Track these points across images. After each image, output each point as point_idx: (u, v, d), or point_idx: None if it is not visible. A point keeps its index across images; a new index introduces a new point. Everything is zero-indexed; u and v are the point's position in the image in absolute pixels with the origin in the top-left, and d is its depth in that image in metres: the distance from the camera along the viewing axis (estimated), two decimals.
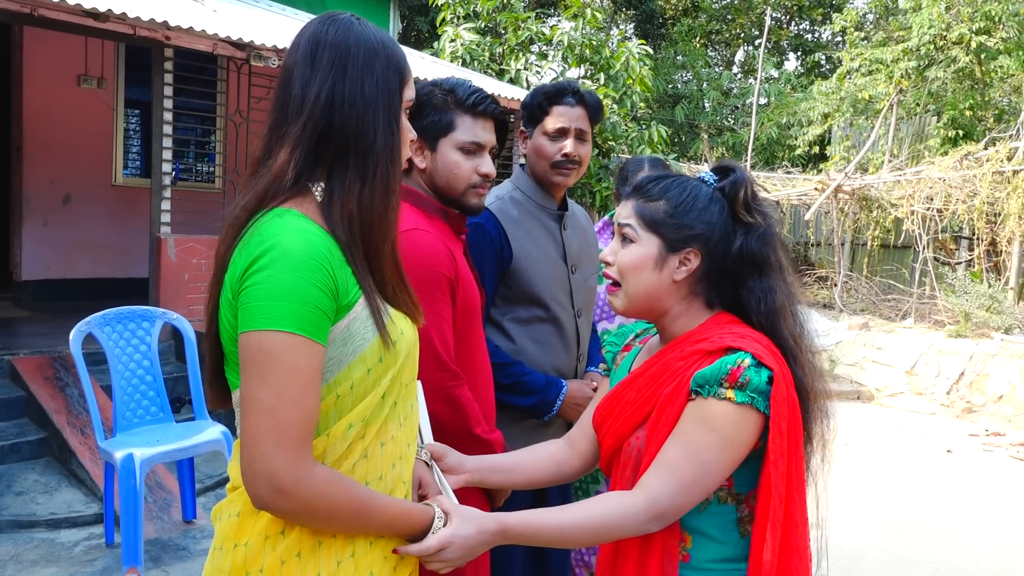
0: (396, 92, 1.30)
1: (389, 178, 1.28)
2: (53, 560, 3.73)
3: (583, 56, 10.13)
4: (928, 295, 10.20)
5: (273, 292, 1.14)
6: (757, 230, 1.46)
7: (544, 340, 2.32)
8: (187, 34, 5.68)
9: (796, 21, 21.50)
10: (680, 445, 1.36)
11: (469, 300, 1.93)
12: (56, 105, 7.54)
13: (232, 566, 1.24)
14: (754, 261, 1.45)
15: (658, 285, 1.46)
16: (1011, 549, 4.41)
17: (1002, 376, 7.79)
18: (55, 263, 7.74)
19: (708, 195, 1.47)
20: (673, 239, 1.45)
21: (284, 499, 1.15)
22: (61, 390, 4.99)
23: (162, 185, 6.04)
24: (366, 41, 1.28)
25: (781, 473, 1.34)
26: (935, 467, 5.99)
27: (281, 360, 1.14)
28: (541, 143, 2.34)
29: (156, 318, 4.15)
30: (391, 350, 1.27)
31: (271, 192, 1.25)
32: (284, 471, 1.14)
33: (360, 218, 1.25)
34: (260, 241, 1.18)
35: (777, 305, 1.44)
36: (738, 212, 1.46)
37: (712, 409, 1.35)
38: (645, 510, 1.35)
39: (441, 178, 1.96)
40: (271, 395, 1.14)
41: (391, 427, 1.32)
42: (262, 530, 1.23)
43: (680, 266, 1.46)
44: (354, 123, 1.25)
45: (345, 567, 1.25)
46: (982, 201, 9.53)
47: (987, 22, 11.68)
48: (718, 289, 1.49)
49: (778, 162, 16.05)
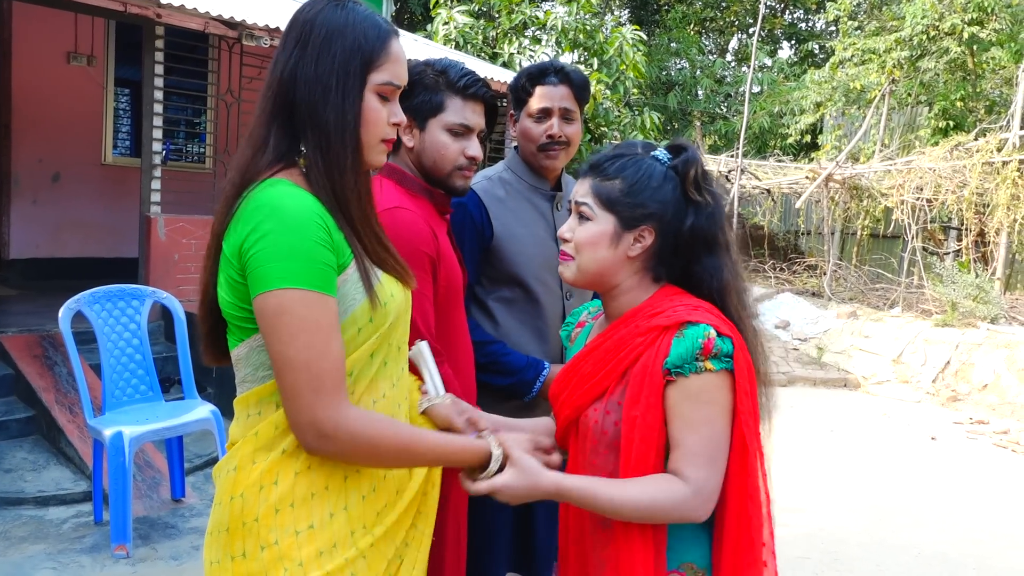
0: (355, 74, 1.33)
1: (342, 156, 1.32)
2: (41, 537, 3.74)
3: (576, 41, 10.10)
4: (916, 284, 10.26)
5: (280, 253, 1.20)
6: (707, 209, 1.50)
7: (527, 321, 2.31)
8: (179, 12, 5.64)
9: (790, 10, 21.47)
10: (690, 429, 1.42)
11: (451, 279, 1.94)
12: (45, 83, 7.48)
13: (231, 517, 1.29)
14: (705, 239, 1.50)
15: (612, 260, 1.52)
16: (992, 535, 4.47)
17: (987, 365, 7.86)
18: (44, 242, 7.70)
19: (662, 174, 1.51)
20: (628, 217, 1.50)
21: (328, 443, 1.24)
22: (50, 368, 4.98)
23: (152, 164, 6.01)
24: (332, 22, 1.33)
25: (752, 430, 1.44)
26: (919, 454, 6.05)
27: (303, 317, 1.21)
28: (527, 126, 2.32)
29: (146, 297, 4.14)
30: (380, 310, 1.33)
31: (254, 165, 1.31)
32: (323, 417, 1.22)
33: (331, 188, 1.31)
34: (256, 208, 1.24)
35: (724, 282, 1.50)
36: (688, 190, 1.50)
37: (699, 384, 1.41)
38: (693, 497, 1.41)
39: (428, 158, 1.96)
40: (300, 352, 1.21)
41: (382, 385, 1.38)
42: (255, 480, 1.29)
43: (635, 243, 1.51)
44: (307, 99, 1.31)
45: (338, 518, 1.31)
46: (971, 192, 9.58)
47: (980, 13, 11.69)
48: (667, 265, 1.54)
49: (770, 150, 16.06)
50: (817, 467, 5.50)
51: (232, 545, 1.29)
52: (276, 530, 1.27)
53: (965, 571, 3.98)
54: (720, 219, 1.52)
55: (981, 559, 4.13)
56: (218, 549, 1.32)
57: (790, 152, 15.93)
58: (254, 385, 1.32)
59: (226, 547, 1.30)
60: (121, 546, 3.56)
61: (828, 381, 8.41)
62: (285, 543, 1.27)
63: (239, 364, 1.34)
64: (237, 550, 1.29)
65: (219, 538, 1.32)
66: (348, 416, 1.24)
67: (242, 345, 1.32)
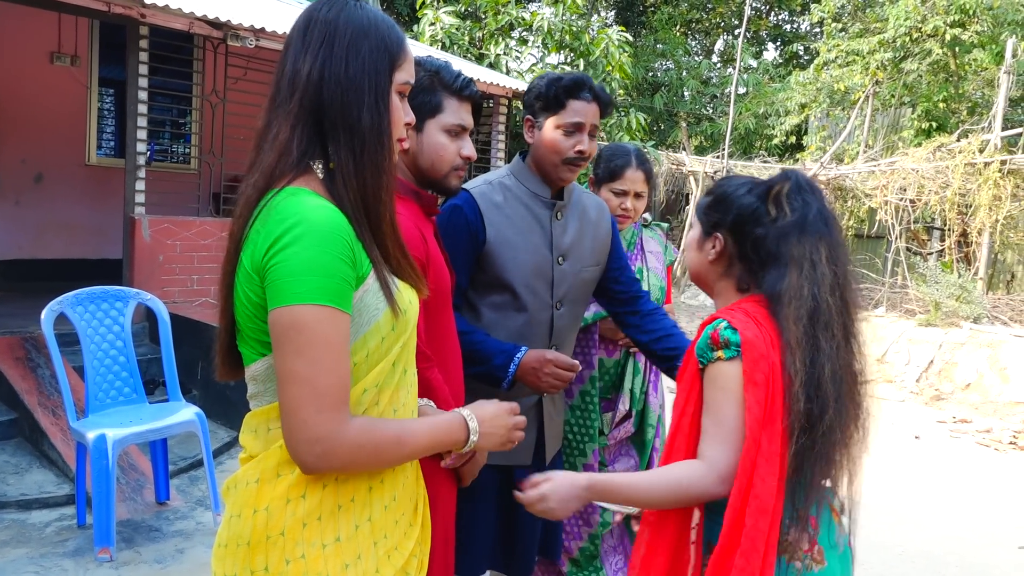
0: (384, 73, 1.33)
1: (378, 157, 1.31)
2: (24, 541, 3.71)
3: (563, 42, 10.12)
4: (900, 285, 10.34)
5: (301, 268, 1.19)
6: (779, 222, 1.60)
7: (514, 328, 2.29)
8: (163, 12, 5.62)
9: (776, 11, 21.60)
10: (707, 412, 1.59)
11: (440, 282, 1.94)
12: (28, 82, 7.43)
13: (253, 530, 1.27)
14: (768, 250, 1.61)
15: (700, 263, 1.76)
16: (974, 532, 4.51)
17: (970, 365, 7.93)
18: (27, 243, 7.64)
19: (747, 189, 1.68)
20: (706, 224, 1.73)
21: (331, 459, 1.23)
22: (32, 371, 4.94)
23: (136, 165, 5.98)
24: (356, 21, 1.32)
25: (756, 419, 1.51)
26: (903, 453, 6.10)
27: (315, 333, 1.19)
28: (556, 138, 2.28)
29: (129, 298, 4.12)
30: (401, 319, 1.33)
31: (279, 169, 1.28)
32: (326, 435, 1.21)
33: (360, 194, 1.29)
34: (281, 219, 1.22)
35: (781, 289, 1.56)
36: (767, 204, 1.64)
37: (715, 372, 1.58)
38: (708, 473, 1.54)
39: (426, 159, 1.95)
40: (307, 367, 1.19)
41: (402, 394, 1.39)
42: (282, 494, 1.27)
43: (712, 248, 1.72)
44: (339, 101, 1.29)
45: (362, 530, 1.31)
46: (954, 192, 9.67)
47: (961, 15, 11.80)
48: (751, 274, 1.66)
49: (755, 151, 16.14)
50: None
51: (253, 559, 1.27)
52: (303, 544, 1.26)
53: (947, 568, 4.02)
54: (788, 235, 1.58)
55: (963, 556, 4.17)
56: (235, 563, 1.29)
57: (775, 153, 16.02)
58: (276, 400, 1.29)
59: (246, 561, 1.27)
60: (104, 549, 3.54)
61: None
62: (312, 556, 1.26)
63: (256, 379, 1.32)
64: (259, 564, 1.26)
65: (237, 552, 1.29)
66: (351, 428, 1.23)
67: (261, 361, 1.29)
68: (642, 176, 2.77)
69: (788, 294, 1.55)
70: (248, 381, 1.34)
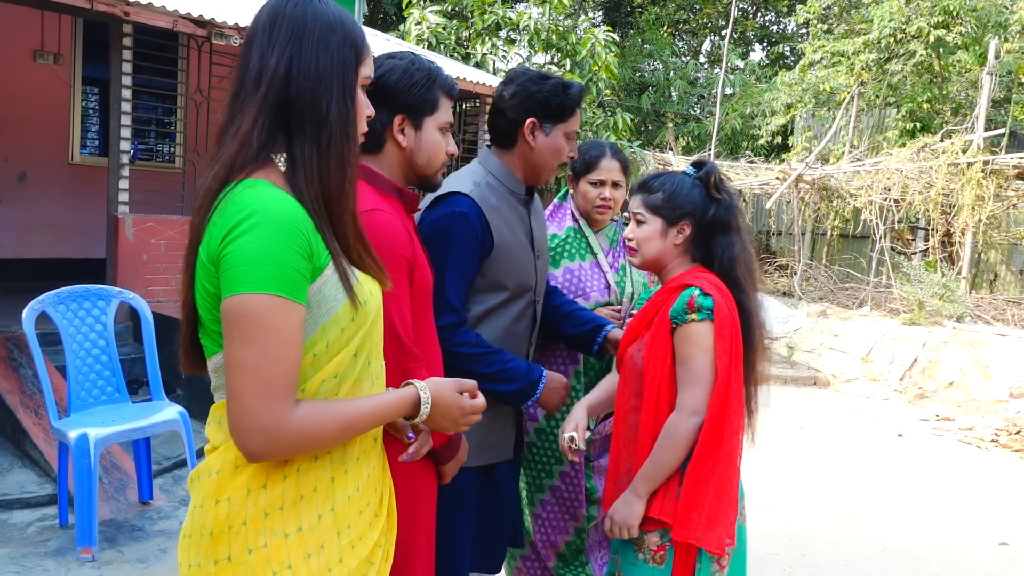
0: (351, 68, 1.35)
1: (343, 149, 1.33)
2: (5, 541, 3.68)
3: (549, 42, 10.13)
4: (884, 284, 10.41)
5: (253, 257, 1.20)
6: (724, 203, 2.10)
7: (503, 325, 2.31)
8: (146, 10, 5.59)
9: (762, 12, 21.69)
10: (681, 364, 1.99)
11: (424, 280, 1.94)
12: (11, 81, 7.37)
13: (215, 521, 1.28)
14: (721, 224, 2.09)
15: (663, 249, 2.11)
16: (956, 529, 4.55)
17: (953, 363, 7.99)
18: (10, 242, 7.58)
19: (691, 183, 2.11)
20: (670, 217, 2.09)
21: (275, 447, 1.23)
22: (15, 371, 4.91)
23: (120, 164, 5.94)
24: (323, 16, 1.34)
25: (725, 365, 1.95)
26: (887, 451, 6.14)
27: (264, 321, 1.20)
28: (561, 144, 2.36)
29: (112, 297, 4.10)
30: (361, 310, 1.33)
31: (239, 161, 1.29)
32: (270, 424, 1.21)
33: (321, 186, 1.31)
34: (237, 210, 1.23)
35: (734, 255, 2.07)
36: (710, 192, 2.10)
37: (688, 331, 1.98)
38: (686, 416, 1.95)
39: (423, 156, 1.95)
40: (255, 355, 1.20)
41: (364, 385, 1.39)
42: (243, 484, 1.28)
43: (678, 234, 2.09)
44: (308, 94, 1.30)
45: (325, 520, 1.33)
46: (937, 192, 9.74)
47: (945, 16, 11.89)
48: (698, 247, 2.11)
49: (741, 152, 16.21)
50: (786, 465, 5.56)
51: (216, 549, 1.28)
52: (265, 533, 1.27)
53: (930, 565, 4.05)
54: (733, 210, 2.10)
55: (945, 553, 4.20)
56: (199, 553, 1.30)
57: (761, 153, 16.09)
58: None
59: (209, 551, 1.28)
60: (86, 549, 3.52)
61: (798, 380, 8.50)
62: (274, 546, 1.27)
63: (217, 371, 1.33)
64: (222, 554, 1.27)
65: (200, 542, 1.30)
66: (296, 416, 1.23)
67: (222, 353, 1.30)
68: (617, 165, 2.79)
69: (739, 256, 2.06)
70: (211, 373, 1.35)
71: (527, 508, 2.78)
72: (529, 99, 2.32)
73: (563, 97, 2.31)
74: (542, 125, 2.33)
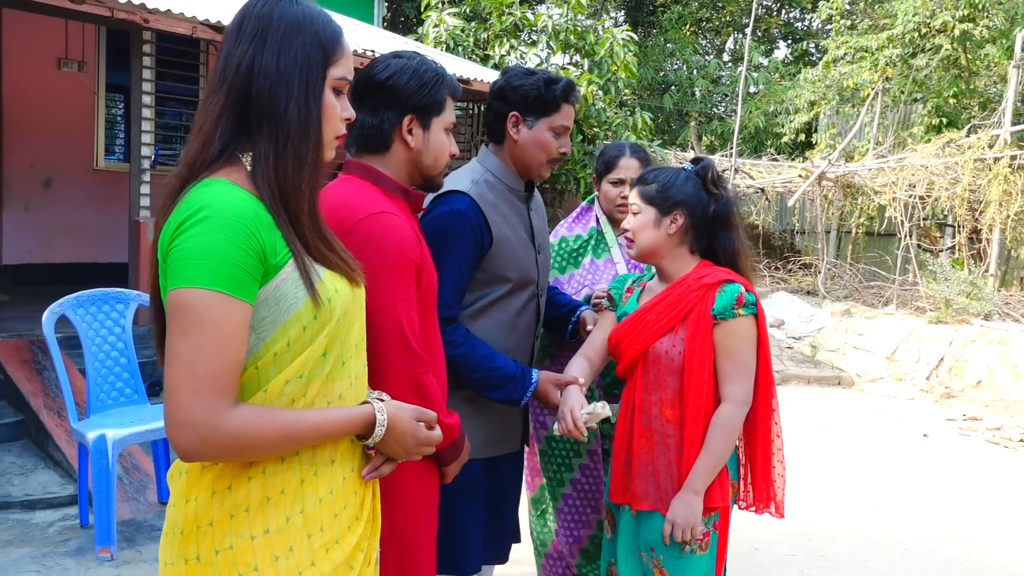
0: (317, 68, 1.34)
1: (301, 149, 1.32)
2: (27, 540, 3.74)
3: (568, 42, 10.11)
4: (911, 282, 10.25)
5: (194, 252, 1.20)
6: (722, 198, 2.20)
7: (509, 321, 2.32)
8: (165, 16, 5.65)
9: (786, 9, 21.50)
10: (728, 358, 2.12)
11: (430, 282, 1.94)
12: (36, 88, 7.49)
13: (184, 520, 1.29)
14: (721, 220, 2.20)
15: (657, 238, 2.20)
16: (980, 531, 4.47)
17: (981, 362, 7.86)
18: (36, 247, 7.71)
19: (685, 176, 2.21)
20: (662, 206, 2.19)
21: (207, 447, 1.21)
22: (39, 373, 4.99)
23: (141, 169, 6.02)
24: (290, 16, 1.33)
25: (767, 354, 2.18)
26: (911, 451, 6.05)
27: (200, 316, 1.19)
28: (546, 138, 2.34)
29: (130, 300, 4.15)
30: (324, 308, 1.31)
31: (200, 160, 1.30)
32: (201, 421, 1.19)
33: (277, 185, 1.31)
34: (188, 207, 1.24)
35: (737, 247, 2.21)
36: (707, 187, 2.20)
37: (735, 325, 2.12)
38: (737, 406, 2.12)
39: (431, 156, 1.96)
40: (189, 349, 1.19)
41: (338, 386, 1.38)
42: (208, 486, 1.28)
43: (671, 224, 2.18)
44: (267, 93, 1.30)
45: (294, 523, 1.31)
46: (964, 188, 9.58)
47: (971, 9, 11.69)
48: (698, 241, 2.21)
49: (765, 150, 16.06)
50: (807, 465, 5.50)
51: (186, 548, 1.29)
52: (231, 535, 1.27)
53: (951, 567, 3.98)
54: (732, 206, 2.22)
55: (967, 555, 4.13)
56: (172, 551, 1.32)
57: (785, 151, 15.94)
58: None
59: (180, 550, 1.30)
60: (105, 548, 3.56)
61: (822, 379, 8.41)
62: (240, 547, 1.27)
63: None
64: (191, 553, 1.28)
65: (173, 540, 1.31)
66: (231, 417, 1.21)
67: None
68: (636, 164, 2.80)
69: (740, 250, 2.21)
70: None
71: (550, 504, 2.79)
72: (512, 93, 2.34)
73: (543, 91, 2.32)
74: (525, 119, 2.34)
